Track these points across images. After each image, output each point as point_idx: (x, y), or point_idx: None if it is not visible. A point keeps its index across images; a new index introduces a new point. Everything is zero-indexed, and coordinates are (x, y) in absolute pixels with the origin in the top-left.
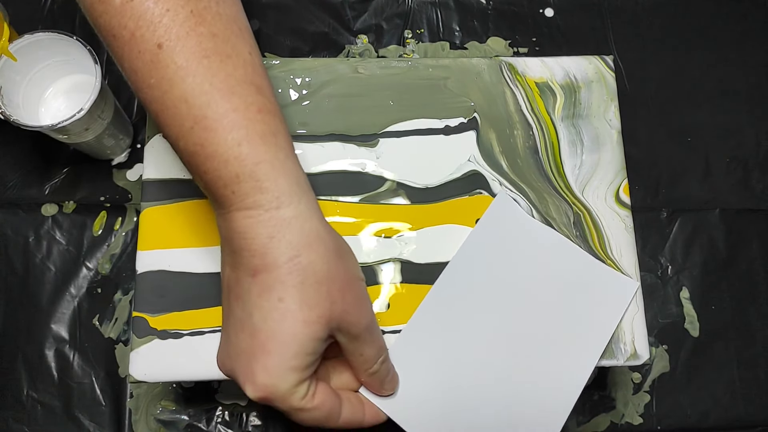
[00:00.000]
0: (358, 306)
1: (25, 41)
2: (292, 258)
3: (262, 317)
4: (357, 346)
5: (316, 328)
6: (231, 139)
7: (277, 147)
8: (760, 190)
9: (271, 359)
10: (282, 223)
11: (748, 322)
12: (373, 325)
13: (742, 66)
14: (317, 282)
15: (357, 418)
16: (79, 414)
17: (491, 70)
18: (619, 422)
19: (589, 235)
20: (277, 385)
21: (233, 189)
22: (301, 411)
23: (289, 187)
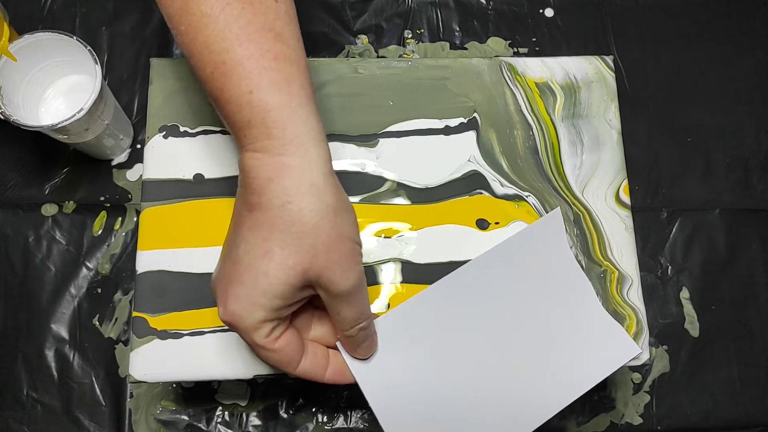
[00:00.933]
0: (342, 266)
1: (25, 41)
2: (285, 204)
3: (246, 250)
4: (335, 305)
5: (291, 274)
6: (244, 86)
7: (290, 95)
8: (760, 190)
9: (242, 289)
10: (283, 169)
11: (748, 322)
12: (355, 290)
13: (742, 66)
14: (302, 232)
15: (316, 372)
16: (79, 414)
17: (491, 70)
18: (619, 422)
19: (588, 235)
20: (243, 316)
21: (245, 133)
22: (261, 348)
23: (298, 135)
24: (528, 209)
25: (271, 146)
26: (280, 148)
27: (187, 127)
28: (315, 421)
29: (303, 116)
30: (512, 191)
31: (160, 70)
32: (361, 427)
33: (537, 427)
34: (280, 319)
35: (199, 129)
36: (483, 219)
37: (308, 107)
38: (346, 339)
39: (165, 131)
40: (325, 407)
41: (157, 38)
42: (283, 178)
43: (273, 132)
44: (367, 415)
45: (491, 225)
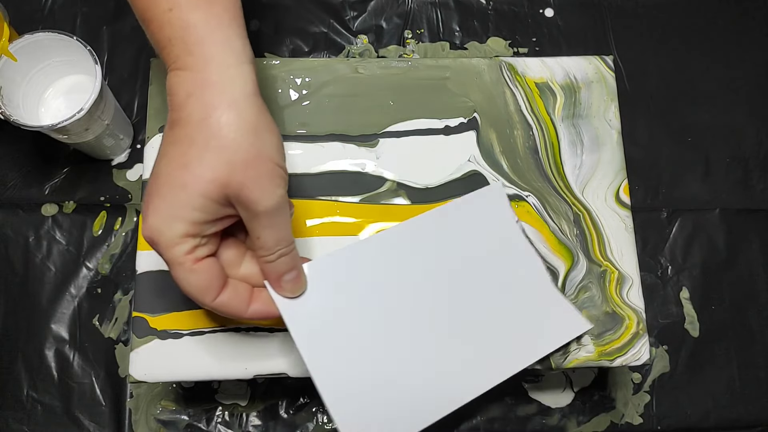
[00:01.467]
0: (260, 185)
1: (25, 41)
2: (204, 118)
3: (165, 163)
4: (255, 227)
5: (209, 188)
6: (164, 4)
7: (210, 14)
8: (760, 190)
9: (162, 202)
10: (203, 85)
11: (748, 322)
12: (275, 211)
13: (742, 66)
14: (221, 146)
15: (237, 306)
16: (79, 414)
17: (491, 70)
18: (619, 422)
19: (588, 235)
20: (162, 229)
21: (168, 51)
22: (180, 267)
23: (218, 53)
24: (528, 209)
25: (192, 63)
26: (201, 64)
27: None
28: (315, 421)
29: (224, 36)
30: (512, 191)
31: (160, 70)
32: None
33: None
34: (202, 237)
35: None
36: None
37: (230, 29)
38: (268, 267)
39: None
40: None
41: None
42: (203, 94)
43: (192, 49)
44: None
45: None
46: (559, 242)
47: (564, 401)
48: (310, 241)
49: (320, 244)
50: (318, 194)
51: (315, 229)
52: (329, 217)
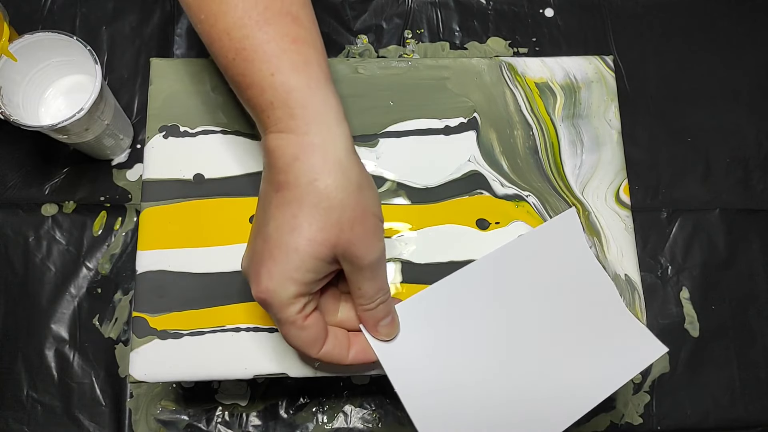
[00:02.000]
0: (366, 240)
1: (25, 41)
2: (312, 181)
3: (275, 227)
4: (358, 279)
5: (320, 249)
6: (266, 69)
7: (309, 77)
8: (760, 190)
9: (275, 266)
10: (308, 147)
11: (748, 322)
12: (377, 265)
13: (742, 66)
14: (330, 207)
15: (339, 353)
16: (79, 414)
17: (491, 70)
18: (619, 422)
19: (588, 235)
20: (277, 291)
21: (268, 114)
22: (292, 325)
23: (320, 114)
24: (528, 209)
25: (295, 126)
26: (304, 127)
27: (187, 127)
28: (315, 421)
29: (323, 96)
30: (512, 191)
31: (160, 70)
32: (361, 427)
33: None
34: (311, 294)
35: (199, 129)
36: (483, 219)
37: (327, 87)
38: (367, 315)
39: (165, 131)
40: (325, 407)
41: (157, 38)
42: (308, 156)
43: (296, 112)
44: (368, 415)
45: (491, 225)
46: None
47: None
48: None
49: None
50: None
51: None
52: None
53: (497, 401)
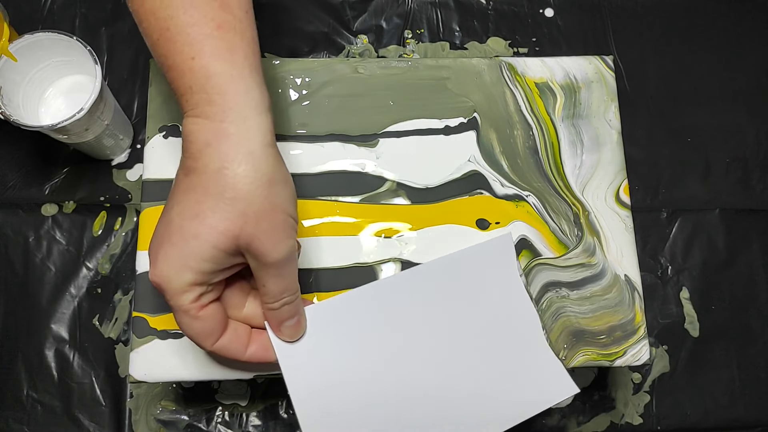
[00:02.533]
0: (272, 236)
1: (25, 41)
2: (220, 169)
3: (179, 212)
4: (262, 276)
5: (221, 239)
6: (187, 53)
7: (232, 64)
8: (760, 190)
9: (173, 250)
10: (221, 135)
11: (748, 322)
12: (284, 264)
13: (742, 66)
14: (235, 198)
15: (235, 349)
16: (79, 414)
17: (491, 70)
18: (619, 422)
19: (588, 235)
20: (172, 277)
21: (187, 98)
22: (185, 314)
23: (237, 104)
24: (528, 209)
25: (211, 112)
26: (220, 114)
27: None
28: None
29: (245, 86)
30: (512, 191)
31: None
32: None
33: None
34: (209, 285)
35: None
36: (483, 219)
37: (251, 78)
38: (270, 313)
39: (165, 131)
40: None
41: None
42: (220, 144)
43: (213, 98)
44: None
45: (491, 225)
46: (559, 242)
47: (564, 401)
48: (310, 241)
49: (320, 244)
50: (318, 194)
51: (315, 229)
52: (329, 217)
53: (398, 418)
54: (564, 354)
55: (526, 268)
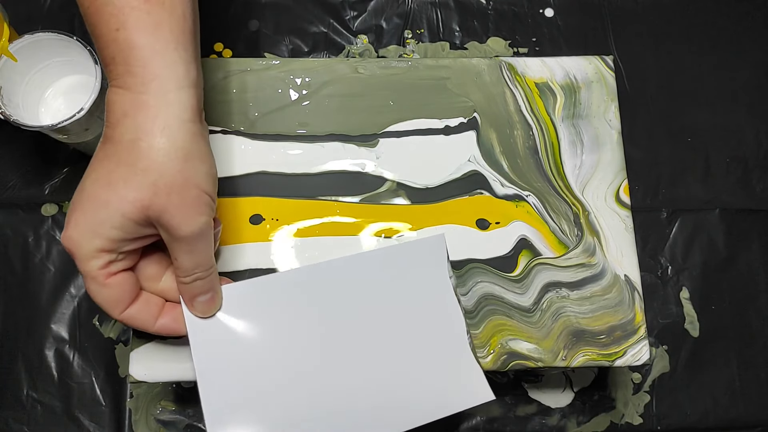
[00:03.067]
0: (183, 210)
1: (25, 41)
2: (135, 140)
3: (93, 179)
4: (174, 249)
5: (130, 208)
6: (112, 24)
7: (156, 37)
8: (760, 190)
9: (83, 216)
10: (139, 106)
11: (748, 322)
12: (196, 239)
13: (742, 66)
14: (147, 169)
15: (144, 319)
16: (79, 414)
17: (491, 70)
18: (619, 422)
19: (588, 235)
20: (80, 242)
21: (111, 69)
22: (93, 280)
23: (158, 77)
24: (528, 209)
25: (132, 83)
26: (141, 86)
27: None
28: None
29: (167, 60)
30: (512, 191)
31: None
32: None
33: None
34: (119, 254)
35: None
36: (483, 219)
37: (176, 53)
38: (183, 287)
39: None
40: None
41: None
42: (137, 115)
43: (135, 70)
44: None
45: (491, 225)
46: (559, 242)
47: (564, 401)
48: (310, 241)
49: (320, 244)
50: (318, 194)
51: (315, 229)
52: (329, 217)
53: (307, 405)
54: (564, 354)
55: (526, 268)
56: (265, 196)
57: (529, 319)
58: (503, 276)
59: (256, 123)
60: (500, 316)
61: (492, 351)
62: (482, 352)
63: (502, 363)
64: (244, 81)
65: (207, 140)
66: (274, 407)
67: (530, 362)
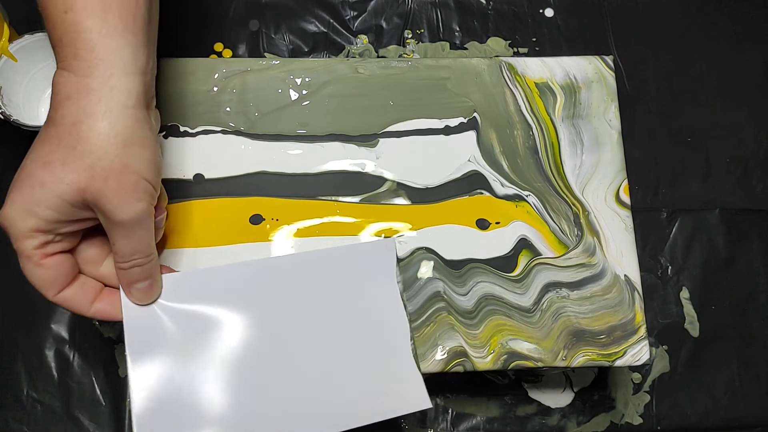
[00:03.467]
0: (119, 196)
1: (25, 41)
2: (76, 123)
3: (32, 159)
4: (111, 234)
5: (66, 190)
6: (60, 6)
7: (104, 22)
8: (760, 190)
9: (19, 195)
10: (82, 90)
11: (748, 322)
12: (133, 225)
13: (742, 66)
14: (85, 152)
15: (79, 302)
16: (79, 414)
17: (491, 70)
18: (619, 422)
19: (589, 235)
20: (15, 220)
21: (58, 51)
22: (27, 260)
23: (103, 62)
24: (528, 209)
25: (78, 67)
26: (85, 69)
27: (187, 127)
28: None
29: (114, 45)
30: (512, 191)
31: (160, 70)
32: None
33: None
34: (56, 235)
35: (199, 129)
36: (483, 219)
37: (123, 38)
38: (121, 273)
39: (165, 131)
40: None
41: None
42: (80, 98)
43: (81, 53)
44: None
45: (491, 225)
46: (559, 242)
47: (564, 401)
48: (310, 241)
49: (320, 245)
50: (318, 194)
51: (315, 229)
52: (329, 217)
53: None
54: (564, 354)
55: (526, 268)
56: (265, 196)
57: (529, 319)
58: (503, 276)
59: (256, 123)
60: (500, 316)
61: (492, 351)
62: (482, 352)
63: (502, 363)
64: (244, 81)
65: (152, 128)
66: (204, 401)
67: (530, 362)
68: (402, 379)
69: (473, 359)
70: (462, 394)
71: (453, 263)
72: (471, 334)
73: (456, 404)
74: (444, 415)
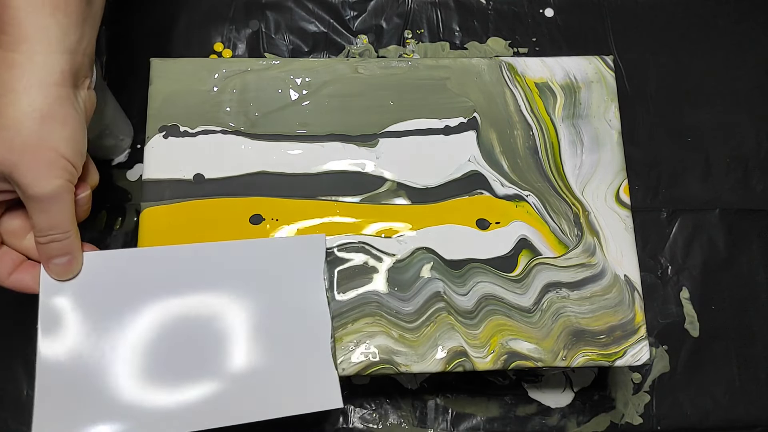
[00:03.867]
0: (34, 170)
1: None
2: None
3: None
4: (28, 208)
5: None
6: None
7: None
8: (760, 190)
9: None
10: (6, 64)
11: (748, 322)
12: (49, 200)
13: (742, 66)
14: (3, 126)
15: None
16: None
17: (491, 70)
18: (619, 422)
19: (588, 235)
20: None
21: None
22: None
23: (30, 38)
24: (528, 209)
25: (4, 41)
26: (12, 44)
27: (187, 127)
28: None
29: (42, 23)
30: (512, 191)
31: (160, 70)
32: (360, 427)
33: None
34: None
35: (199, 129)
36: (483, 219)
37: (52, 17)
38: (39, 247)
39: (165, 131)
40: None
41: (156, 38)
42: (3, 72)
43: (8, 29)
44: (368, 415)
45: (491, 225)
46: (559, 242)
47: (564, 401)
48: None
49: None
50: (318, 194)
51: (315, 230)
52: (329, 217)
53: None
54: (564, 354)
55: (526, 268)
56: (265, 196)
57: (529, 319)
58: (503, 276)
59: (256, 123)
60: (500, 316)
61: (492, 351)
62: (482, 352)
63: (502, 363)
64: (244, 81)
65: (76, 107)
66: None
67: (530, 362)
68: (317, 376)
69: (473, 359)
70: (462, 394)
71: (453, 263)
72: (471, 334)
73: (456, 404)
74: (444, 415)
